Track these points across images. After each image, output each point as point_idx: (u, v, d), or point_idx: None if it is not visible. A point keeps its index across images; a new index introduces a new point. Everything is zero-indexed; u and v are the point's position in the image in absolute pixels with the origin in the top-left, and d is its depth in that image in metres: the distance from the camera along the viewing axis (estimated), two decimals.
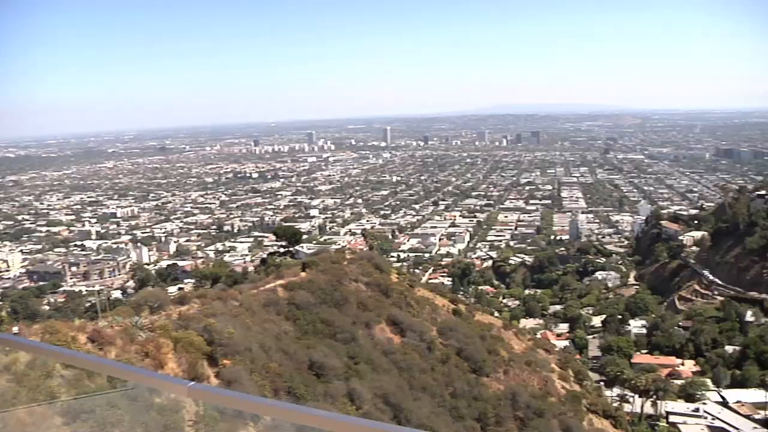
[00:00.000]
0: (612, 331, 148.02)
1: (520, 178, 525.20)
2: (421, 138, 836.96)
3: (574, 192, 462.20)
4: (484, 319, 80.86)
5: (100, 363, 7.63)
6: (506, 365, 62.65)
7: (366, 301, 55.73)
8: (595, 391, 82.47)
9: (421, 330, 56.04)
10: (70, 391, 9.39)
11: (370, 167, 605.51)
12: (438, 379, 49.99)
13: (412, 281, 77.97)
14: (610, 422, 69.61)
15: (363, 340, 48.04)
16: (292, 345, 39.10)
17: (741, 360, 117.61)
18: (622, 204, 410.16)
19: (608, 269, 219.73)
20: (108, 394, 7.75)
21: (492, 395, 52.99)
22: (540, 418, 53.10)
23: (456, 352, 56.75)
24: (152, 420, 8.35)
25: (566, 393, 66.90)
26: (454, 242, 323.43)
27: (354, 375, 38.50)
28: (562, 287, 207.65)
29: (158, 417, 8.47)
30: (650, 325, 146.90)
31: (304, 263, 61.01)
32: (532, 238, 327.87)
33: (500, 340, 70.49)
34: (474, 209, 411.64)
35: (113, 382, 7.24)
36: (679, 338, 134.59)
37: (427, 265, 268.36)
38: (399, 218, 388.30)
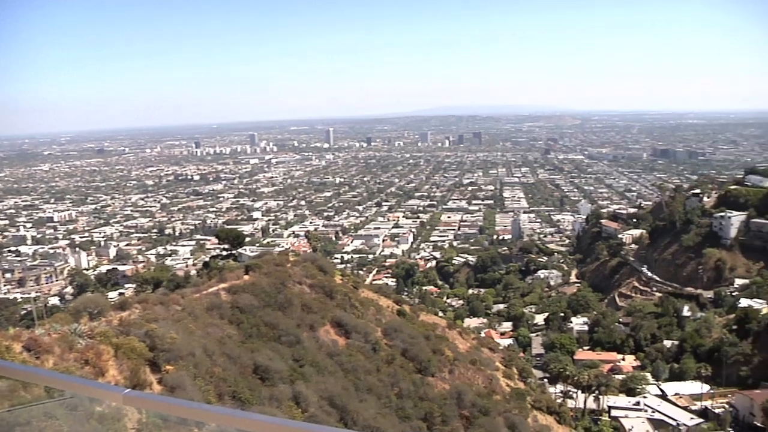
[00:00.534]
0: (555, 329, 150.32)
1: (462, 179, 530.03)
2: (363, 139, 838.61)
3: (516, 192, 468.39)
4: (429, 319, 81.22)
5: (35, 373, 7.37)
6: (451, 364, 63.01)
7: (310, 303, 55.42)
8: (539, 388, 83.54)
9: (365, 331, 55.96)
10: (3, 403, 9.00)
11: (312, 169, 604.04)
12: (383, 379, 49.95)
13: (356, 283, 77.84)
14: (555, 418, 70.60)
15: (308, 342, 47.75)
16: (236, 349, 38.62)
17: (679, 353, 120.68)
18: (563, 203, 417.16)
19: (550, 268, 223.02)
20: (45, 404, 7.48)
21: (438, 395, 53.20)
22: (485, 416, 53.49)
23: (401, 353, 56.86)
24: (92, 429, 8.10)
25: (511, 390, 67.63)
26: (398, 243, 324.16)
27: (299, 378, 38.23)
28: (505, 286, 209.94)
29: (99, 426, 8.22)
30: (592, 322, 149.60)
31: (247, 266, 60.35)
32: (475, 238, 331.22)
33: (445, 339, 70.86)
34: (417, 210, 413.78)
35: (50, 392, 6.99)
36: (619, 334, 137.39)
37: (371, 266, 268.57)
38: (342, 220, 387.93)
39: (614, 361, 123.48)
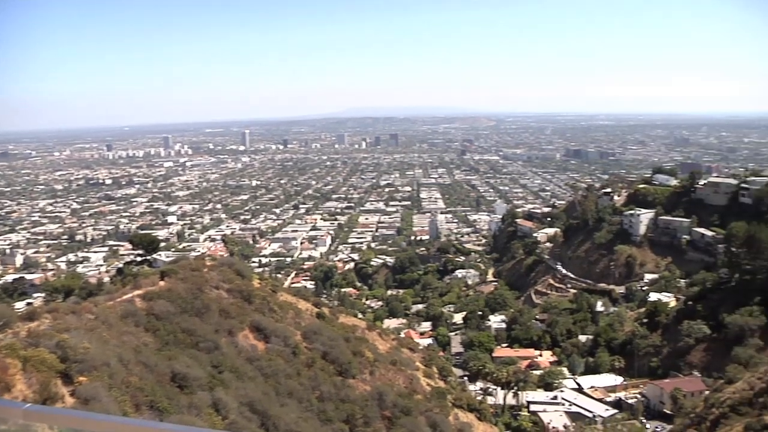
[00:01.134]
0: (473, 327, 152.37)
1: (379, 180, 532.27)
2: (280, 141, 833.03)
3: (432, 193, 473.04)
4: (348, 321, 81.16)
5: None
6: (372, 366, 63.12)
7: (228, 308, 54.62)
8: (459, 386, 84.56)
9: (285, 335, 55.53)
10: None
11: (228, 172, 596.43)
12: (304, 383, 49.66)
13: (274, 286, 77.20)
14: (475, 415, 71.54)
15: (226, 348, 47.05)
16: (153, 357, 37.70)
17: (593, 347, 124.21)
18: (479, 203, 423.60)
19: (468, 267, 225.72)
20: None
21: (359, 396, 53.21)
22: (407, 416, 53.79)
23: (321, 356, 56.63)
24: None
25: (431, 390, 68.21)
26: (316, 245, 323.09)
27: (218, 384, 37.60)
28: (423, 286, 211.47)
29: None
30: (509, 320, 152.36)
31: (163, 272, 59.04)
32: (393, 239, 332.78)
33: (365, 341, 70.93)
34: (335, 212, 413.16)
35: None
36: (536, 331, 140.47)
37: (289, 269, 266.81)
38: (259, 223, 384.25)
39: (532, 357, 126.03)
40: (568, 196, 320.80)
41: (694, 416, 75.13)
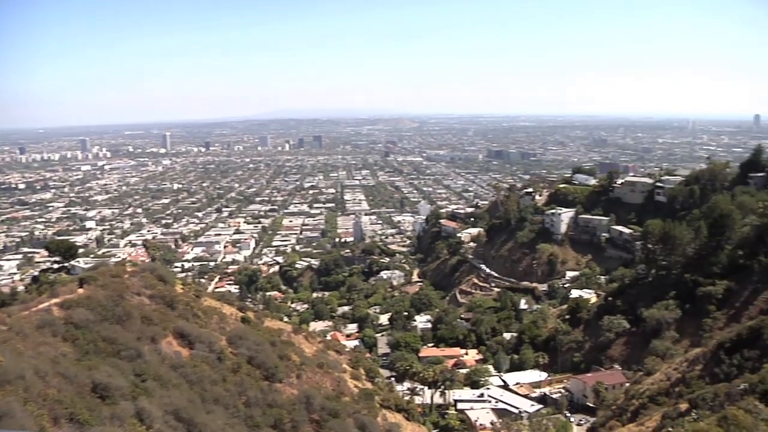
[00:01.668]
0: (399, 328, 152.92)
1: (303, 182, 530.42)
2: (202, 144, 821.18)
3: (357, 194, 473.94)
4: (274, 325, 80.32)
5: None
6: (298, 369, 62.54)
7: (151, 315, 53.20)
8: (386, 387, 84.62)
9: (210, 341, 54.45)
10: None
11: (149, 175, 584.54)
12: (230, 389, 48.76)
13: (198, 291, 75.75)
14: (403, 415, 71.73)
15: (149, 355, 45.79)
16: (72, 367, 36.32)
17: (518, 345, 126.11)
18: (403, 205, 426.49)
19: (393, 268, 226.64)
20: None
21: (286, 400, 52.60)
22: (335, 418, 53.46)
23: (247, 361, 55.75)
24: None
25: (359, 391, 68.04)
26: (240, 249, 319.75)
27: (142, 393, 36.49)
28: (349, 288, 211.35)
29: None
30: (435, 320, 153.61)
31: (82, 279, 57.11)
32: (318, 241, 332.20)
33: (291, 344, 70.26)
34: (258, 215, 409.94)
35: None
36: (461, 330, 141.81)
37: (213, 273, 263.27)
38: (182, 227, 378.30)
39: (458, 356, 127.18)
40: (490, 196, 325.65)
41: (615, 408, 77.11)
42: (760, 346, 65.40)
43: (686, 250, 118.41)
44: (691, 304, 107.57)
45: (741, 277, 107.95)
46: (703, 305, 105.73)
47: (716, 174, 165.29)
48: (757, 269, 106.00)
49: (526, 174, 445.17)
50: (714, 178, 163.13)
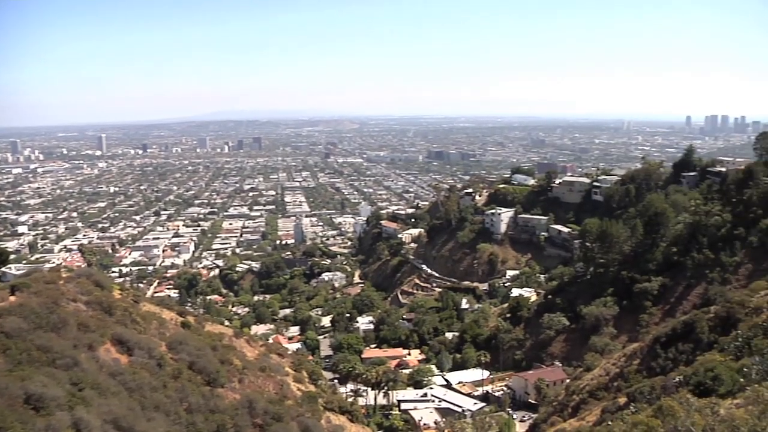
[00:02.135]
0: (341, 330, 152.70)
1: (243, 185, 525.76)
2: (139, 146, 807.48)
3: (297, 196, 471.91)
4: (215, 329, 79.09)
5: None
6: (240, 374, 61.69)
7: (87, 322, 51.72)
8: (330, 389, 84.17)
9: (149, 347, 53.23)
10: None
11: (84, 178, 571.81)
12: (171, 395, 47.76)
13: (136, 296, 74.08)
14: (347, 417, 71.42)
15: (87, 363, 44.50)
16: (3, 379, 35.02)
17: (460, 344, 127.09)
18: (343, 206, 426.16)
19: (334, 270, 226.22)
20: None
21: (229, 406, 51.80)
22: (279, 422, 52.88)
23: (188, 366, 54.72)
24: None
25: (302, 394, 67.49)
26: (179, 253, 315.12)
27: (79, 403, 35.40)
28: (290, 291, 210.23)
29: None
30: (377, 321, 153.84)
31: (14, 286, 55.23)
32: (258, 243, 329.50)
33: (232, 349, 69.28)
34: (198, 218, 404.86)
35: None
36: (404, 330, 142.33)
37: (152, 278, 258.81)
38: (119, 231, 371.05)
39: (401, 356, 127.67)
40: (431, 196, 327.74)
41: (556, 404, 78.27)
42: (693, 340, 67.18)
43: (623, 247, 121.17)
44: (628, 301, 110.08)
45: (675, 273, 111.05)
46: (639, 301, 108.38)
47: (651, 173, 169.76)
48: (690, 265, 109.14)
49: (466, 174, 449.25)
50: (649, 177, 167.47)
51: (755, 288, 75.18)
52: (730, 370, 45.83)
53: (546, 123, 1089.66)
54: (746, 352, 50.91)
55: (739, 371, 44.66)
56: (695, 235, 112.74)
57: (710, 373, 46.31)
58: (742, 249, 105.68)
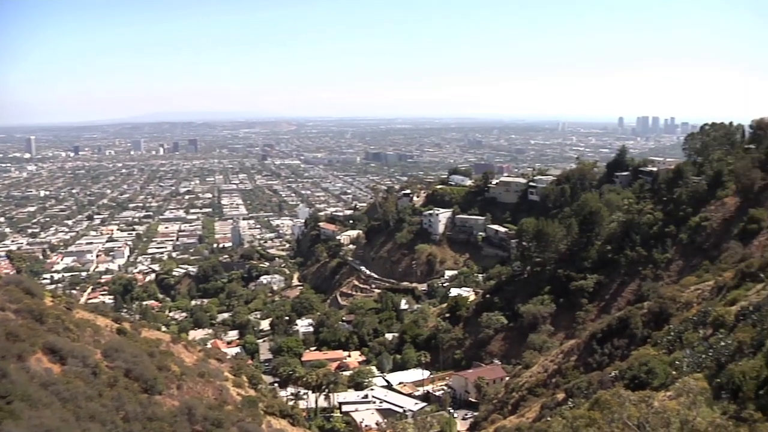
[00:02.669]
0: (281, 333, 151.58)
1: (179, 187, 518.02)
2: (70, 148, 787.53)
3: (234, 199, 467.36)
4: (152, 335, 77.58)
5: None
6: (179, 380, 60.61)
7: (17, 331, 50.07)
8: (270, 393, 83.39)
9: (83, 355, 51.84)
10: None
11: (12, 182, 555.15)
12: (107, 404, 46.58)
13: (69, 303, 72.08)
14: (288, 421, 70.79)
15: (16, 374, 43.06)
16: None
17: (400, 345, 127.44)
18: (281, 208, 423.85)
19: (272, 273, 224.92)
20: None
21: (167, 413, 50.78)
22: (218, 428, 52.10)
23: (124, 373, 53.49)
24: None
25: (242, 399, 66.64)
26: (113, 258, 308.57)
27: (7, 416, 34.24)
28: (228, 294, 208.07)
29: None
30: (316, 323, 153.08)
31: None
32: (195, 247, 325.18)
33: (170, 354, 68.04)
34: (132, 222, 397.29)
35: None
36: (343, 332, 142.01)
37: (85, 284, 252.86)
38: (50, 236, 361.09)
39: (341, 358, 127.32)
40: (369, 198, 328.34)
41: (496, 402, 79.18)
42: (628, 335, 68.80)
43: (559, 246, 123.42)
44: (564, 298, 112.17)
45: (610, 270, 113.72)
46: (576, 299, 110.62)
47: (585, 173, 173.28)
48: (623, 263, 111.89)
49: (404, 176, 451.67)
50: (583, 177, 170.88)
51: (685, 283, 77.42)
52: (663, 364, 47.03)
53: (482, 124, 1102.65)
54: (678, 345, 52.36)
55: (672, 364, 45.92)
56: (628, 233, 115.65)
57: (644, 367, 47.46)
58: (673, 246, 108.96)
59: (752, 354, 33.20)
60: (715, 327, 48.72)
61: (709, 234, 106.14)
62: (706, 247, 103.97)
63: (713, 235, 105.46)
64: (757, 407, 24.63)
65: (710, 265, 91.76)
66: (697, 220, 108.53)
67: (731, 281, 62.17)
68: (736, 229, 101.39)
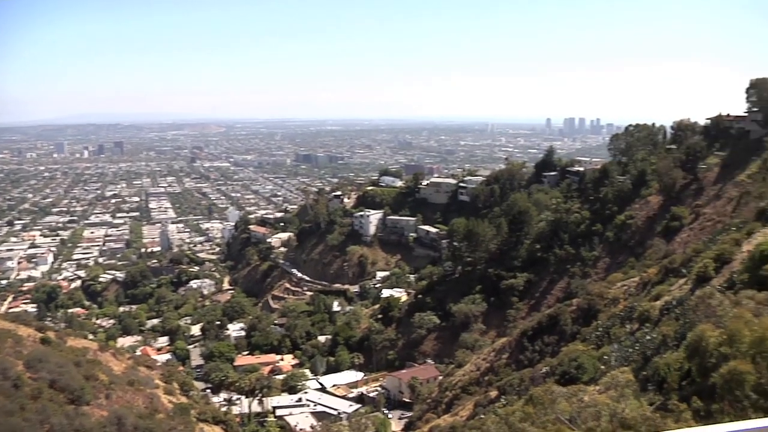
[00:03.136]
0: (212, 338, 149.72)
1: (105, 191, 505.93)
2: None
3: (162, 202, 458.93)
4: (78, 343, 75.57)
5: None
6: (107, 389, 59.17)
7: None
8: (202, 400, 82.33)
9: (4, 367, 50.12)
10: None
11: None
12: (31, 418, 45.08)
13: None
14: (222, 427, 70.02)
15: None
16: None
17: (333, 347, 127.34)
18: (211, 211, 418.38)
19: (202, 277, 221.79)
20: None
21: (96, 424, 49.46)
22: None
23: (49, 385, 51.89)
24: None
25: (174, 407, 65.54)
26: (36, 264, 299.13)
27: None
28: (157, 300, 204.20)
29: None
30: (248, 327, 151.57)
31: None
32: (122, 252, 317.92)
33: (98, 363, 66.38)
34: (56, 227, 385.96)
35: None
36: (276, 335, 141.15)
37: (5, 293, 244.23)
38: None
39: (274, 362, 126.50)
40: (299, 200, 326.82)
41: (430, 401, 79.77)
42: (558, 332, 70.26)
43: (489, 246, 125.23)
44: (495, 297, 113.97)
45: (539, 269, 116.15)
46: (506, 297, 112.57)
47: (514, 174, 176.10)
48: (552, 261, 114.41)
49: (335, 177, 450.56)
50: (512, 177, 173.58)
51: (612, 280, 79.52)
52: (591, 359, 48.10)
53: (413, 125, 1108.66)
54: (606, 340, 53.68)
55: (600, 359, 47.04)
56: (557, 231, 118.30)
57: (574, 362, 48.44)
58: (600, 244, 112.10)
59: (675, 347, 34.13)
60: (641, 321, 50.07)
61: (634, 232, 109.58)
62: (632, 245, 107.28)
63: (638, 232, 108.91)
64: (680, 398, 25.33)
65: (635, 261, 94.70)
66: (623, 218, 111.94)
67: (655, 277, 64.01)
68: (660, 226, 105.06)
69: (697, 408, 22.18)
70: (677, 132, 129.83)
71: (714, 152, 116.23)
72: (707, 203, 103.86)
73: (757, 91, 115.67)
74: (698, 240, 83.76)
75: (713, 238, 70.96)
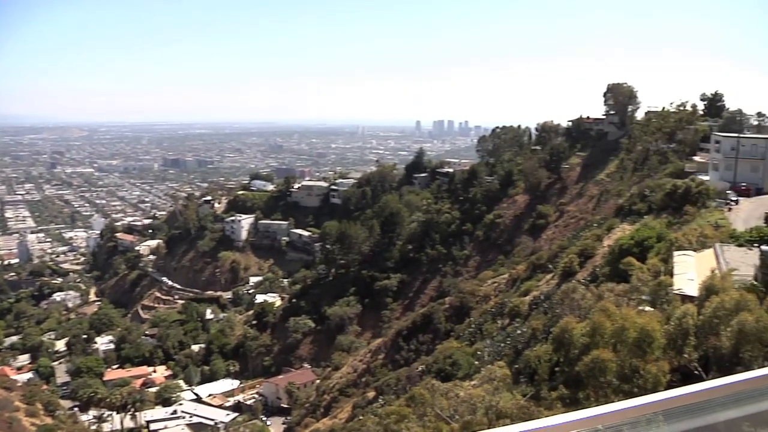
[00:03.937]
0: (79, 353, 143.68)
1: None
2: None
3: (20, 211, 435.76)
4: None
5: None
6: None
7: None
8: (70, 419, 79.09)
9: None
10: None
11: None
12: None
13: None
14: None
15: None
16: None
17: (207, 356, 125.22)
18: (74, 220, 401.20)
19: (67, 289, 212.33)
20: None
21: None
22: None
23: None
24: None
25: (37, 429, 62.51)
26: None
27: None
28: (17, 315, 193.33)
29: None
30: (118, 339, 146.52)
31: None
32: None
33: None
34: None
35: None
36: (147, 347, 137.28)
37: None
38: None
39: (146, 374, 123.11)
40: (168, 206, 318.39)
41: (309, 405, 79.75)
42: (432, 330, 71.82)
43: (362, 247, 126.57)
44: (370, 298, 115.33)
45: (412, 269, 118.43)
46: (380, 298, 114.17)
47: (385, 175, 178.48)
48: (425, 261, 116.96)
49: (204, 182, 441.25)
50: (383, 179, 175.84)
51: (483, 277, 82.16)
52: (466, 355, 49.50)
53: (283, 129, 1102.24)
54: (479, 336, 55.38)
55: (474, 354, 48.46)
56: (428, 232, 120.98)
57: (449, 359, 49.68)
58: (470, 243, 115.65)
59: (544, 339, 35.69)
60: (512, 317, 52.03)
61: (502, 230, 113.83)
62: (501, 243, 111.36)
63: (506, 231, 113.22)
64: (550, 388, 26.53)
65: (505, 259, 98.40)
66: (491, 217, 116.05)
67: (524, 273, 66.69)
68: (527, 224, 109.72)
69: (564, 395, 23.27)
70: (541, 133, 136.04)
71: (576, 153, 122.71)
72: (570, 201, 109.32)
73: (613, 95, 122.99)
74: (563, 237, 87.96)
75: (577, 235, 74.72)
